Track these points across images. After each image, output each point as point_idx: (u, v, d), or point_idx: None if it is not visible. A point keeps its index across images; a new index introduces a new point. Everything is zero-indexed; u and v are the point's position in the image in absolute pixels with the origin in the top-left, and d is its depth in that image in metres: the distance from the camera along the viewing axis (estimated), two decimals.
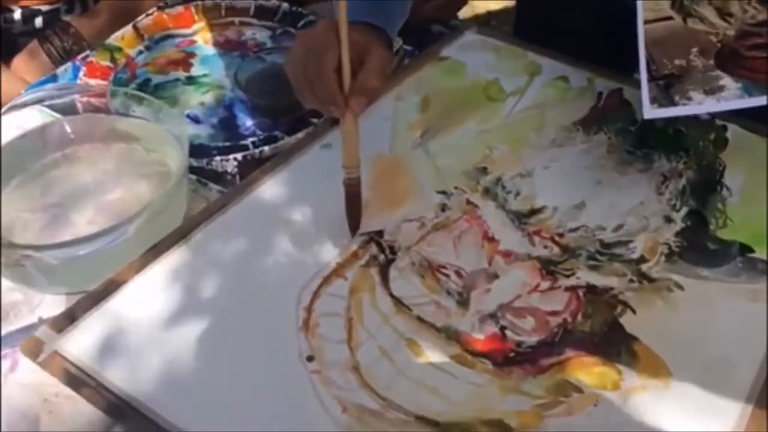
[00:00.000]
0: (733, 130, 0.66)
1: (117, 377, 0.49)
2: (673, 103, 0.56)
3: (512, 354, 0.50)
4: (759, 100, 0.55)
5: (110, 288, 0.55)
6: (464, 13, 1.61)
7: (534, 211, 0.60)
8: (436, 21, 0.88)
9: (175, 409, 0.47)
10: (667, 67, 0.57)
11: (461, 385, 0.48)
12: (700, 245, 0.57)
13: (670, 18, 0.58)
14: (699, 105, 0.56)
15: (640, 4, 0.58)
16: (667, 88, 0.56)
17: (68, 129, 0.68)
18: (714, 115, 0.67)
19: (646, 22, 0.58)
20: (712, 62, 0.56)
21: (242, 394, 0.48)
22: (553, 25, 0.84)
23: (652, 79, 0.57)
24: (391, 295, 0.54)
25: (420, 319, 0.52)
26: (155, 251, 0.57)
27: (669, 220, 0.59)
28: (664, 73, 0.57)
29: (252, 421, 0.47)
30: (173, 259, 0.57)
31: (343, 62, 0.55)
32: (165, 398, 0.48)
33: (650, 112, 0.56)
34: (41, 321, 0.57)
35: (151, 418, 0.46)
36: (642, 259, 0.56)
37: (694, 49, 0.57)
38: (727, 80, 0.56)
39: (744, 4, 0.56)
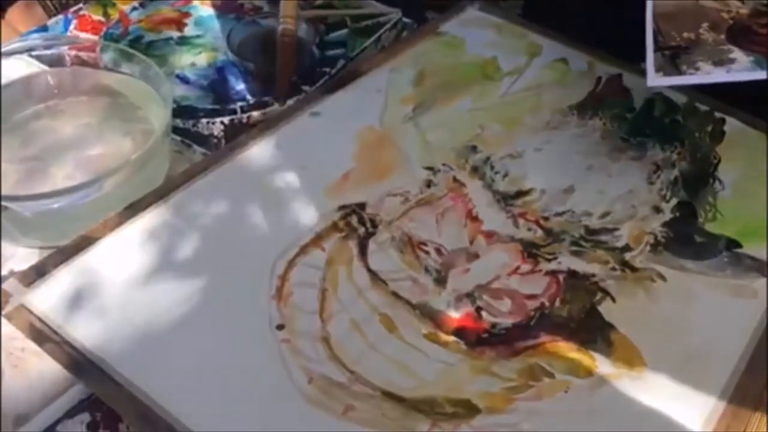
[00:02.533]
0: (731, 124, 0.65)
1: (82, 334, 0.48)
2: (680, 72, 0.53)
3: (486, 335, 0.49)
4: None
5: (83, 244, 0.54)
6: None
7: (521, 193, 0.59)
8: (430, 6, 0.86)
9: (138, 369, 0.46)
10: (675, 39, 0.54)
11: (432, 363, 0.47)
12: (687, 237, 0.55)
13: None
14: (707, 75, 0.53)
15: None
16: (673, 58, 0.53)
17: (53, 81, 0.66)
18: (714, 108, 0.66)
19: None
20: (723, 37, 0.54)
21: (208, 358, 0.47)
22: (563, 6, 0.82)
23: (658, 49, 0.54)
24: (368, 269, 0.53)
25: (395, 294, 0.51)
26: (132, 210, 0.56)
27: (658, 210, 0.57)
28: (671, 45, 0.54)
29: (215, 385, 0.46)
30: (150, 218, 0.56)
31: None
32: (129, 358, 0.47)
33: (654, 79, 0.53)
34: (11, 274, 0.56)
35: (111, 377, 0.46)
36: (626, 248, 0.55)
37: (704, 24, 0.54)
38: (738, 53, 0.53)
39: None
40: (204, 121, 0.67)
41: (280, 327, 0.49)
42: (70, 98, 0.66)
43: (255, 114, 0.69)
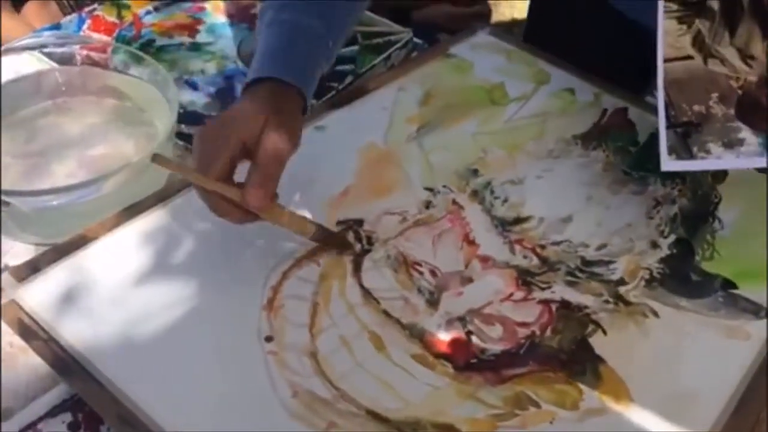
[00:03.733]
0: None
1: (70, 333, 0.48)
2: (692, 155, 0.54)
3: (474, 360, 0.49)
4: None
5: (78, 243, 0.54)
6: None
7: (519, 220, 0.59)
8: (444, 29, 0.86)
9: (123, 371, 0.46)
10: (686, 114, 0.54)
11: (418, 385, 0.47)
12: (683, 274, 0.55)
13: (690, 57, 0.56)
14: (718, 159, 0.54)
15: (660, 42, 0.56)
16: (684, 137, 0.54)
17: (63, 79, 0.67)
18: None
19: (666, 60, 0.56)
20: (732, 111, 0.54)
21: (193, 365, 0.47)
22: (563, 35, 0.82)
23: (670, 125, 0.54)
24: (361, 286, 0.53)
25: (386, 313, 0.51)
26: (130, 211, 0.56)
27: (655, 245, 0.57)
28: (683, 121, 0.54)
29: (199, 393, 0.46)
30: (147, 221, 0.56)
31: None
32: (115, 360, 0.47)
33: (668, 163, 0.54)
34: (5, 268, 0.56)
35: (95, 377, 0.45)
36: (621, 281, 0.54)
37: (714, 95, 0.54)
38: (746, 133, 0.53)
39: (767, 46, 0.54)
40: None
41: (269, 339, 0.49)
42: (78, 97, 0.66)
43: None
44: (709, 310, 0.53)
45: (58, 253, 0.53)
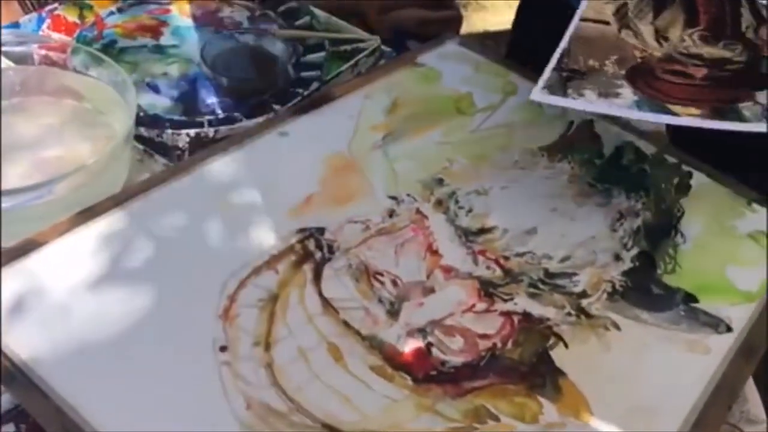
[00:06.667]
0: (697, 178, 0.65)
1: (15, 341, 0.46)
2: (565, 95, 0.53)
3: (434, 372, 0.48)
4: (645, 116, 0.53)
5: (28, 247, 0.52)
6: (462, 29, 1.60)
7: (483, 230, 0.58)
8: (413, 36, 0.86)
9: (70, 382, 0.44)
10: (578, 63, 0.54)
11: (376, 397, 0.46)
12: (645, 287, 0.55)
13: (606, 23, 0.56)
14: (589, 103, 0.53)
15: (584, 2, 0.56)
16: (566, 81, 0.53)
17: (18, 78, 0.65)
18: (682, 161, 0.66)
19: (583, 19, 0.55)
20: (622, 72, 0.54)
21: (144, 376, 0.46)
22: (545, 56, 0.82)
23: (558, 68, 0.54)
24: (321, 295, 0.52)
25: (346, 323, 0.50)
26: (85, 215, 0.55)
27: (618, 258, 0.57)
28: (572, 68, 0.54)
29: (148, 405, 0.44)
30: (103, 226, 0.54)
31: None
32: (62, 370, 0.45)
33: (538, 95, 0.54)
34: None
35: (40, 388, 0.44)
36: (584, 294, 0.54)
37: (614, 57, 0.54)
38: (625, 90, 0.53)
39: (685, 34, 0.54)
40: (169, 131, 0.66)
41: (223, 348, 0.47)
42: (34, 97, 0.65)
43: (222, 129, 0.68)
44: (670, 324, 0.53)
45: (6, 257, 0.51)
